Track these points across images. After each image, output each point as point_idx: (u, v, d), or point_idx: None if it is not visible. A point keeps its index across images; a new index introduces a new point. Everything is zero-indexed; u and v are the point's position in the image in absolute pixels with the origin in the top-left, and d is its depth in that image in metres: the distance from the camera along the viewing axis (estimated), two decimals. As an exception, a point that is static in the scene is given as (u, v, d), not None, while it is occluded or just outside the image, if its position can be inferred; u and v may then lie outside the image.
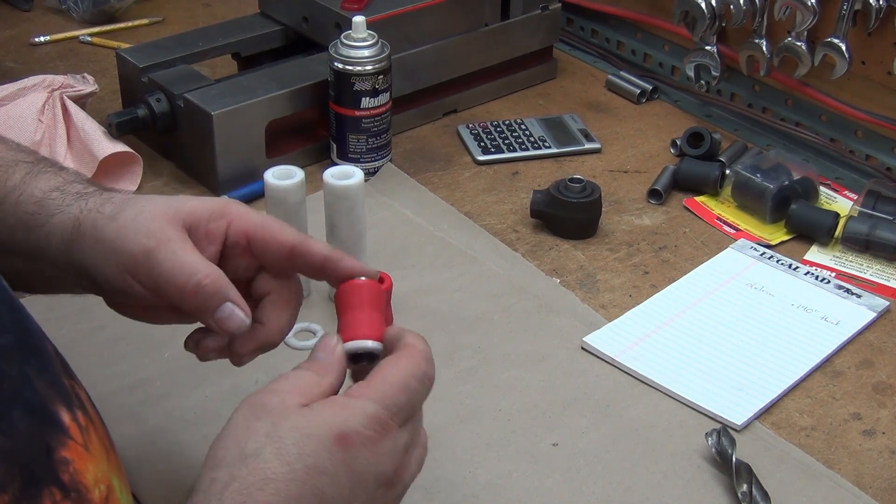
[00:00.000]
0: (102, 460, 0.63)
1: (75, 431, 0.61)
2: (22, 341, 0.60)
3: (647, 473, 0.88)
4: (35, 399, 0.59)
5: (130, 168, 1.23)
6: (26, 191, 0.74)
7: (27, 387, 0.59)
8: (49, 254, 0.73)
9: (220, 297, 0.69)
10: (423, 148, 1.33)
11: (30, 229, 0.73)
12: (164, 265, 0.68)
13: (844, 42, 1.23)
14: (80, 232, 0.71)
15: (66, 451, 0.60)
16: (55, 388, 0.61)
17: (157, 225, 0.70)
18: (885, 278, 1.12)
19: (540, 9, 1.42)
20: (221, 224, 0.72)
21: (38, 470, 0.58)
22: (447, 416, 0.93)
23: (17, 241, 0.74)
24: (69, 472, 0.60)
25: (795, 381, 0.98)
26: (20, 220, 0.73)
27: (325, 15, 1.30)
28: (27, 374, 0.59)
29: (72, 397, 0.63)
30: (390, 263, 1.09)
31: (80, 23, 1.58)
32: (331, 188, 1.02)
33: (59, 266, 0.73)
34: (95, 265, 0.71)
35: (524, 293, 1.08)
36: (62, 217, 0.72)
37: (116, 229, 0.70)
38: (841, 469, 0.89)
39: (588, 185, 1.16)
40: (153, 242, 0.69)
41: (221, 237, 0.72)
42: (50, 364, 0.62)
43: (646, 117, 1.41)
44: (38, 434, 0.58)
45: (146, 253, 0.69)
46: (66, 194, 0.74)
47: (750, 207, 1.21)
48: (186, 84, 1.23)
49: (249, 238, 0.72)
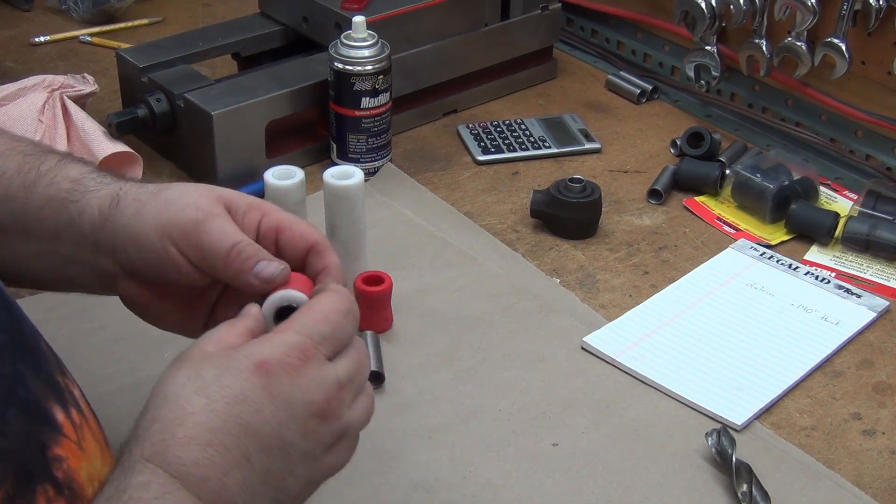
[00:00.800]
0: (97, 458, 0.64)
1: (69, 429, 0.62)
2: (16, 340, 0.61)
3: (647, 473, 0.88)
4: (29, 397, 0.59)
5: (130, 168, 1.23)
6: (62, 172, 0.77)
7: (21, 385, 0.59)
8: (76, 230, 0.75)
9: (255, 258, 0.72)
10: (423, 148, 1.33)
11: (62, 206, 0.75)
12: (212, 234, 0.72)
13: (844, 42, 1.23)
14: (118, 207, 0.74)
15: (60, 449, 0.60)
16: (49, 387, 0.61)
17: (205, 201, 0.74)
18: (885, 278, 1.12)
19: (540, 9, 1.42)
20: (256, 216, 0.76)
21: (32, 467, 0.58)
22: (447, 416, 0.93)
23: (44, 219, 0.76)
24: (63, 469, 0.60)
25: (795, 381, 0.98)
26: (53, 199, 0.76)
27: (325, 15, 1.30)
28: (21, 373, 0.59)
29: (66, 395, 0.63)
30: (390, 263, 1.09)
31: (80, 23, 1.58)
32: (331, 188, 1.02)
33: (84, 243, 0.75)
34: (135, 236, 0.73)
35: (524, 293, 1.08)
36: (100, 193, 0.75)
37: (164, 202, 0.73)
38: (841, 469, 0.89)
39: (588, 185, 1.16)
40: (202, 215, 0.73)
41: (255, 228, 0.75)
42: (44, 362, 0.62)
43: (646, 117, 1.41)
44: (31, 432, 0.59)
45: (195, 224, 0.72)
46: (103, 177, 0.77)
47: (750, 207, 1.21)
48: (186, 84, 1.23)
49: (279, 230, 0.75)
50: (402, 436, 0.90)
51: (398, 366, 0.98)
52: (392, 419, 0.92)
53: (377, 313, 1.01)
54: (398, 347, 1.00)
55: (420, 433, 0.91)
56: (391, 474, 0.87)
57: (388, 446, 0.89)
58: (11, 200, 0.76)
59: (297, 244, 0.75)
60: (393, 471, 0.87)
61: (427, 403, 0.94)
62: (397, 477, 0.87)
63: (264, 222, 0.76)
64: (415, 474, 0.87)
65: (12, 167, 0.77)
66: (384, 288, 1.00)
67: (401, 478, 0.87)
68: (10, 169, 0.77)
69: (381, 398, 0.94)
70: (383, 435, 0.90)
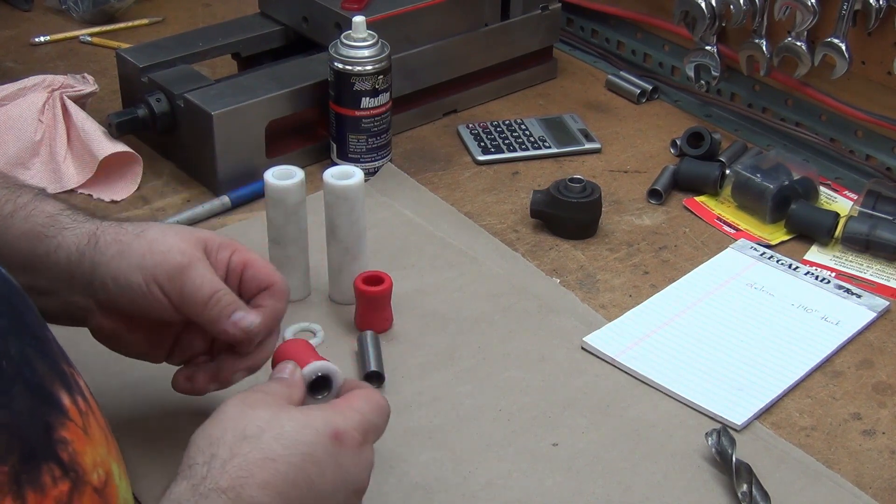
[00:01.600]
0: (101, 445, 0.65)
1: (74, 414, 0.63)
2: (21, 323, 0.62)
3: (647, 473, 0.88)
4: (35, 379, 0.61)
5: (130, 168, 1.23)
6: (38, 207, 0.81)
7: (27, 367, 0.61)
8: (52, 264, 0.79)
9: (232, 307, 0.80)
10: (423, 148, 1.33)
11: (38, 240, 0.79)
12: (195, 281, 0.79)
13: (844, 42, 1.23)
14: (97, 246, 0.79)
15: (66, 432, 0.61)
16: (55, 372, 0.63)
17: (187, 246, 0.80)
18: (885, 278, 1.12)
19: (540, 9, 1.42)
20: (227, 253, 0.83)
21: (38, 446, 0.60)
22: (447, 416, 0.93)
23: (21, 252, 0.79)
24: (68, 451, 0.61)
25: (795, 381, 0.98)
26: (29, 232, 0.79)
27: (325, 15, 1.30)
28: (27, 355, 0.61)
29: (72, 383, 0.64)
30: (390, 263, 1.09)
31: (80, 23, 1.58)
32: (331, 188, 1.02)
33: (59, 278, 0.79)
34: (118, 276, 0.78)
35: (524, 293, 1.08)
36: (76, 231, 0.80)
37: (147, 244, 0.79)
38: (841, 469, 0.89)
39: (588, 185, 1.16)
40: (186, 260, 0.79)
41: (225, 265, 0.83)
42: (50, 349, 0.64)
43: (646, 117, 1.41)
44: (37, 412, 0.60)
45: (180, 268, 0.78)
46: (77, 214, 0.82)
47: (750, 207, 1.21)
48: (186, 84, 1.23)
49: (246, 266, 0.83)
50: (402, 436, 0.90)
51: (398, 366, 0.98)
52: (392, 419, 0.92)
53: (377, 313, 1.01)
54: (398, 347, 1.00)
55: (420, 433, 0.91)
56: (391, 474, 0.87)
57: (388, 446, 0.89)
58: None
59: (258, 279, 0.83)
60: (393, 471, 0.87)
61: (427, 403, 0.94)
62: (397, 477, 0.87)
63: (233, 258, 0.83)
64: (415, 474, 0.87)
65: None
66: (384, 288, 1.00)
67: (401, 478, 0.87)
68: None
69: (381, 398, 0.94)
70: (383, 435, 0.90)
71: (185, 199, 1.21)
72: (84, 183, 1.21)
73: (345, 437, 0.71)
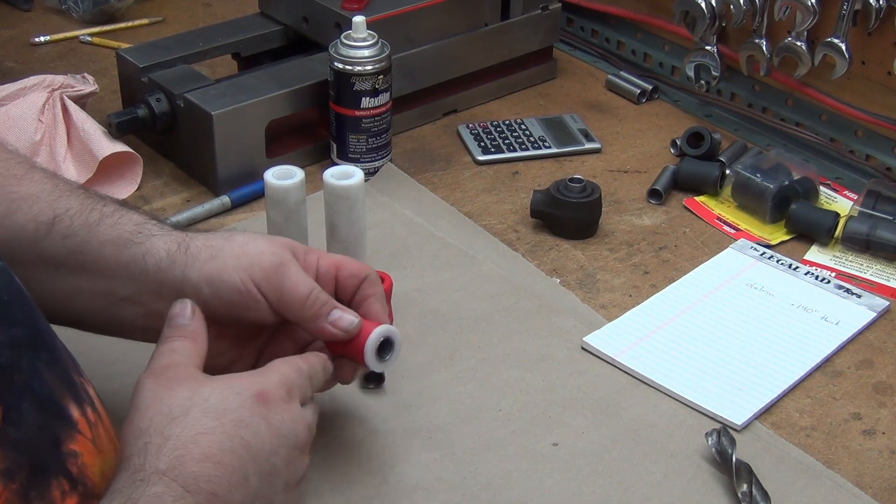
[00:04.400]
0: (111, 456, 0.65)
1: (84, 426, 0.63)
2: (33, 335, 0.62)
3: (647, 473, 0.88)
4: (44, 392, 0.61)
5: (130, 168, 1.23)
6: (125, 216, 0.81)
7: (37, 380, 0.61)
8: (139, 271, 0.79)
9: (331, 305, 0.81)
10: (423, 148, 1.33)
11: (125, 247, 0.80)
12: (292, 278, 0.80)
13: (844, 42, 1.23)
14: (188, 251, 0.80)
15: (75, 445, 0.62)
16: (65, 383, 0.63)
17: (278, 248, 0.81)
18: (885, 278, 1.12)
19: (540, 9, 1.42)
20: (313, 258, 0.84)
21: (47, 461, 0.60)
22: (447, 416, 0.93)
23: (105, 256, 0.79)
24: (77, 464, 0.61)
25: (795, 381, 0.98)
26: (116, 239, 0.80)
27: (325, 15, 1.30)
28: (37, 368, 0.61)
29: (81, 393, 0.64)
30: (390, 263, 1.09)
31: (80, 23, 1.58)
32: (331, 188, 1.02)
33: (146, 286, 0.79)
34: (215, 278, 0.79)
35: (524, 293, 1.08)
36: (164, 239, 0.80)
37: (239, 246, 0.80)
38: (841, 469, 0.89)
39: (588, 185, 1.16)
40: (279, 259, 0.80)
41: (314, 268, 0.83)
42: (60, 360, 0.64)
43: (646, 117, 1.41)
44: (47, 426, 0.61)
45: (275, 267, 0.79)
46: (163, 224, 0.83)
47: (750, 207, 1.21)
48: (186, 84, 1.23)
49: (338, 267, 0.84)
50: (402, 436, 0.90)
51: (398, 366, 0.98)
52: (392, 419, 0.92)
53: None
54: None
55: (420, 433, 0.91)
56: (391, 474, 0.87)
57: (388, 446, 0.89)
58: (73, 236, 0.79)
59: (354, 275, 0.84)
60: (393, 471, 0.87)
61: (427, 403, 0.94)
62: (397, 477, 0.87)
63: (321, 262, 0.84)
64: (415, 474, 0.87)
65: (75, 205, 0.81)
66: (384, 288, 1.00)
67: (401, 478, 0.87)
68: (72, 206, 0.81)
69: (381, 398, 0.95)
70: (383, 435, 0.90)
71: (185, 199, 1.21)
72: (84, 183, 1.21)
73: (269, 394, 0.72)
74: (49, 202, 0.80)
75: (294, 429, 0.73)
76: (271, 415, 0.71)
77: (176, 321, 0.76)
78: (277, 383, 0.73)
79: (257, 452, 0.69)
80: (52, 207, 0.80)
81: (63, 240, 0.79)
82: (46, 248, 0.79)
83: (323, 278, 0.83)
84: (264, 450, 0.70)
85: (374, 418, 0.92)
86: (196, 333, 0.76)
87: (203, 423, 0.68)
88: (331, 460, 0.88)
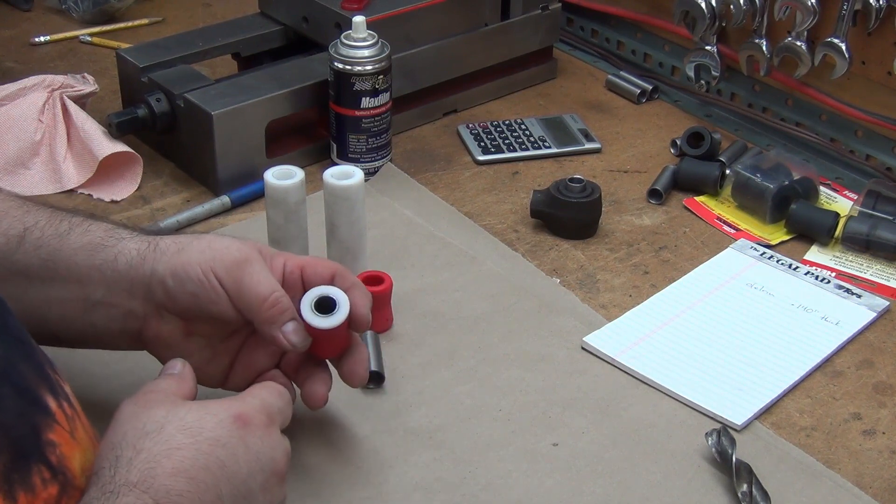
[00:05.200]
0: (89, 451, 0.65)
1: (61, 418, 0.63)
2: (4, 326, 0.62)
3: (647, 473, 0.88)
4: (22, 382, 0.61)
5: (130, 168, 1.23)
6: (94, 224, 0.83)
7: (13, 369, 0.61)
8: (110, 272, 0.80)
9: (289, 314, 0.80)
10: (423, 148, 1.33)
11: (97, 251, 0.80)
12: (253, 276, 0.79)
13: (844, 42, 1.23)
14: (158, 248, 0.81)
15: (54, 435, 0.62)
16: (41, 377, 0.63)
17: (245, 247, 0.81)
18: (885, 278, 1.12)
19: (540, 9, 1.42)
20: (280, 261, 0.83)
21: (27, 446, 0.60)
22: (447, 416, 0.93)
23: (77, 263, 0.80)
24: (56, 454, 0.61)
25: (795, 381, 0.98)
26: (87, 245, 0.81)
27: (325, 15, 1.30)
28: (12, 359, 0.61)
29: (58, 388, 0.65)
30: (390, 263, 1.09)
31: (80, 23, 1.58)
32: (331, 188, 1.02)
33: (118, 286, 0.80)
34: (178, 270, 0.79)
35: (524, 293, 1.08)
36: (135, 241, 0.82)
37: (206, 243, 0.81)
38: (841, 469, 0.89)
39: (588, 185, 1.16)
40: (244, 256, 0.80)
41: (281, 271, 0.83)
42: (34, 355, 0.64)
43: (646, 117, 1.41)
44: (25, 413, 0.61)
45: (238, 263, 0.79)
46: (134, 228, 0.84)
47: (750, 207, 1.21)
48: (186, 84, 1.23)
49: (304, 267, 0.83)
50: (402, 436, 0.90)
51: (398, 366, 0.98)
52: (392, 419, 0.92)
53: (377, 313, 1.01)
54: (398, 347, 1.00)
55: (420, 433, 0.91)
56: (391, 474, 0.87)
57: (388, 446, 0.89)
58: (45, 246, 0.81)
59: (321, 274, 0.83)
60: (393, 471, 0.87)
61: (427, 403, 0.94)
62: (397, 477, 0.87)
63: (288, 264, 0.83)
64: (415, 474, 0.87)
65: (43, 218, 0.82)
66: (384, 288, 1.00)
67: (401, 478, 0.87)
68: (41, 219, 0.82)
69: (381, 398, 0.95)
70: (383, 435, 0.90)
71: (185, 199, 1.21)
72: (84, 183, 1.21)
73: (248, 418, 0.71)
74: (18, 216, 0.81)
75: (272, 455, 0.72)
76: (249, 438, 0.71)
77: (165, 371, 0.77)
78: (258, 407, 0.73)
79: (233, 473, 0.68)
80: (20, 221, 0.81)
81: (35, 250, 0.80)
82: (19, 259, 0.80)
83: (288, 280, 0.83)
84: (241, 472, 0.69)
85: (374, 418, 0.92)
86: (183, 375, 0.76)
87: (177, 440, 0.67)
88: (331, 460, 0.88)
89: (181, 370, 0.77)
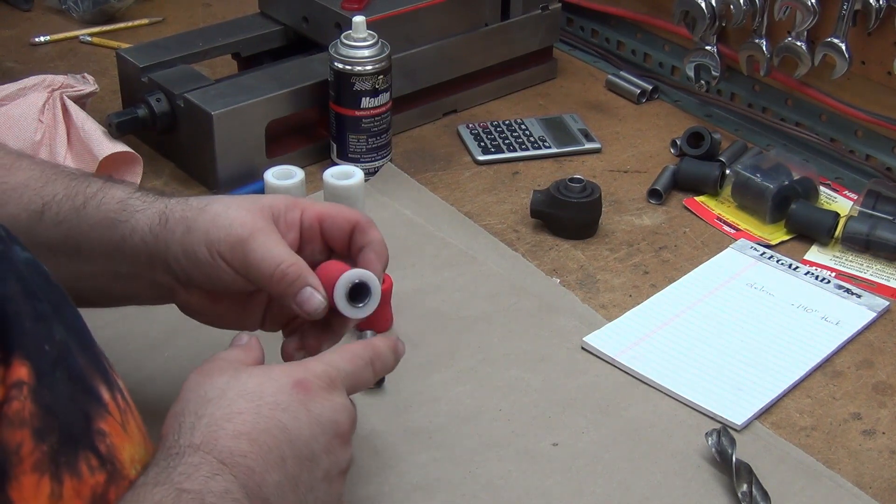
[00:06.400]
0: (140, 444, 0.65)
1: (114, 409, 0.64)
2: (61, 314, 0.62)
3: (647, 473, 0.88)
4: (76, 369, 0.62)
5: (130, 168, 1.23)
6: (108, 194, 0.81)
7: (69, 356, 0.62)
8: (129, 248, 0.80)
9: (301, 282, 0.78)
10: (423, 148, 1.33)
11: (113, 226, 0.80)
12: (256, 253, 0.77)
13: (844, 42, 1.23)
14: (167, 224, 0.79)
15: (105, 424, 0.62)
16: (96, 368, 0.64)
17: (249, 216, 0.79)
18: (885, 278, 1.12)
19: (540, 9, 1.42)
20: (296, 213, 0.82)
21: (77, 432, 0.60)
22: (447, 416, 0.93)
23: (99, 238, 0.80)
24: (106, 443, 0.62)
25: (795, 381, 0.98)
26: (104, 219, 0.80)
27: (325, 15, 1.30)
28: (68, 345, 0.61)
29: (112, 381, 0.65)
30: (390, 263, 1.08)
31: (80, 23, 1.58)
32: (331, 188, 1.02)
33: (139, 260, 0.80)
34: (187, 252, 0.78)
35: (524, 293, 1.08)
36: (147, 213, 0.80)
37: (210, 218, 0.78)
38: (841, 469, 0.89)
39: (588, 185, 1.16)
40: (246, 232, 0.78)
41: (298, 224, 0.82)
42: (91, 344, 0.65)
43: (646, 117, 1.41)
44: (77, 399, 0.61)
45: (240, 241, 0.77)
46: (146, 196, 0.82)
47: (750, 207, 1.21)
48: (186, 84, 1.23)
49: (322, 219, 0.82)
50: (402, 436, 0.90)
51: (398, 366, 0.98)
52: (392, 419, 0.92)
53: (377, 313, 1.01)
54: (398, 347, 1.00)
55: (420, 433, 0.91)
56: (391, 474, 0.87)
57: (388, 446, 0.89)
58: (63, 223, 0.80)
59: (340, 227, 0.82)
60: (393, 471, 0.87)
61: (427, 403, 0.94)
62: (397, 477, 0.87)
63: (305, 217, 0.82)
64: (415, 474, 0.87)
65: (61, 190, 0.81)
66: (384, 288, 1.00)
67: (401, 478, 0.87)
68: (59, 192, 0.81)
69: (381, 398, 0.95)
70: (383, 435, 0.90)
71: (185, 199, 1.21)
72: (84, 183, 1.21)
73: (307, 383, 0.71)
74: (37, 190, 0.81)
75: (334, 417, 0.72)
76: (311, 402, 0.71)
77: (233, 343, 0.78)
78: (320, 373, 0.73)
79: (295, 436, 0.69)
80: (39, 195, 0.81)
81: (55, 227, 0.80)
82: (41, 234, 0.80)
83: (307, 234, 0.82)
84: (302, 435, 0.69)
85: (374, 418, 0.92)
86: (250, 345, 0.77)
87: (238, 405, 0.68)
88: (331, 460, 0.88)
89: (248, 341, 0.77)
